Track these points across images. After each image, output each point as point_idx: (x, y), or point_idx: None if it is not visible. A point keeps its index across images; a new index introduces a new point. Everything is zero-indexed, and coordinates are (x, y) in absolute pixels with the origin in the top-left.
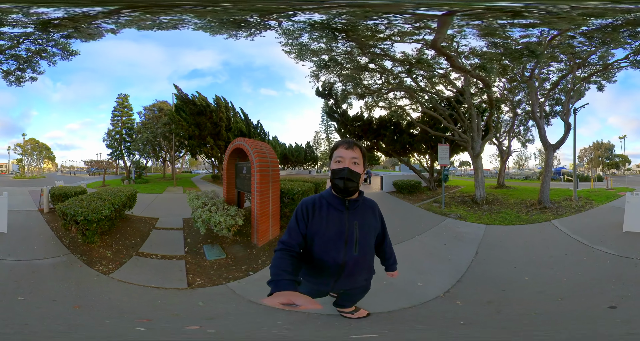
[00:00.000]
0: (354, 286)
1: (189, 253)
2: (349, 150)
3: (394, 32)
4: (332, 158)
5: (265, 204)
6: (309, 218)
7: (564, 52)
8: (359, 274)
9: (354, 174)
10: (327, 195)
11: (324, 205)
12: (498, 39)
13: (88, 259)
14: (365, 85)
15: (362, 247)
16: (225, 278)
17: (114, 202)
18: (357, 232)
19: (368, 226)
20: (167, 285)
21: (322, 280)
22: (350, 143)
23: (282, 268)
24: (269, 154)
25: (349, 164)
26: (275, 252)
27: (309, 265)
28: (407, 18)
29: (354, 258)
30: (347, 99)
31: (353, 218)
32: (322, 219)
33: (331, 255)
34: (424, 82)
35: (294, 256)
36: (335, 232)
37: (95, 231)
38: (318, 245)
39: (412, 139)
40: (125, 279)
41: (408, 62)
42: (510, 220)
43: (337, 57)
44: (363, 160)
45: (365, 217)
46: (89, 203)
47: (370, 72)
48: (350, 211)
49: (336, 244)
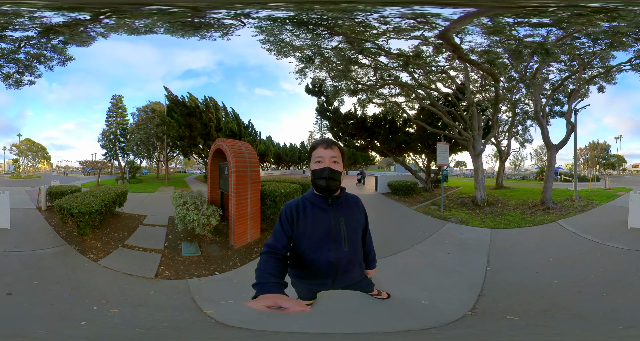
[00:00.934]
0: (352, 281)
1: (167, 248)
2: (327, 150)
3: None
4: (312, 158)
5: (242, 206)
6: (294, 220)
7: (568, 52)
8: (354, 269)
9: (335, 173)
10: (309, 196)
11: (308, 206)
12: (502, 37)
13: (81, 249)
14: (356, 79)
15: (351, 243)
16: (191, 274)
17: (104, 199)
18: (344, 229)
19: (354, 221)
20: (139, 273)
21: (320, 281)
22: (328, 143)
23: (267, 271)
24: (248, 154)
25: (329, 163)
26: (261, 255)
27: (303, 268)
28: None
29: (345, 255)
30: (338, 96)
31: (339, 215)
32: (308, 220)
33: (323, 255)
34: (422, 78)
35: (280, 260)
36: (323, 231)
37: (88, 223)
38: (308, 246)
39: (408, 138)
40: (109, 266)
41: (404, 56)
42: (515, 222)
43: (325, 52)
44: (342, 158)
45: (350, 213)
46: (83, 199)
47: (363, 68)
48: (334, 208)
49: (326, 243)
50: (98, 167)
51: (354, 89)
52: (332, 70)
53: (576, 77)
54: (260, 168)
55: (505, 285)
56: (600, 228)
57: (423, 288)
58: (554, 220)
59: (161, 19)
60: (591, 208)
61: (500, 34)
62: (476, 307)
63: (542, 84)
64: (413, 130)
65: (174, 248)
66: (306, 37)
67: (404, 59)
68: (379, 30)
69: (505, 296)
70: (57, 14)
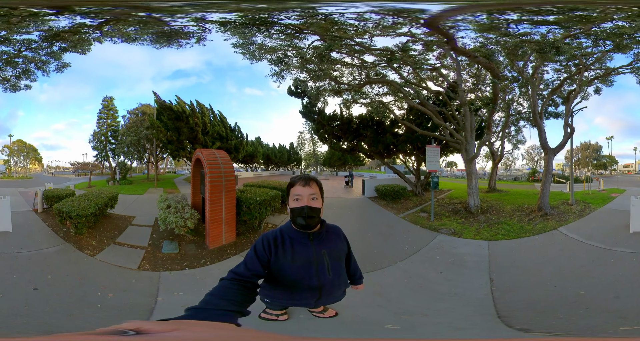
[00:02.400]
0: (334, 301)
1: (151, 245)
2: (306, 187)
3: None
4: (290, 195)
5: (217, 211)
6: (272, 252)
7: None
8: (337, 291)
9: (314, 210)
10: (287, 230)
11: (287, 239)
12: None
13: (79, 246)
14: (337, 79)
15: (335, 270)
16: (165, 268)
17: (97, 202)
18: (327, 260)
19: (337, 251)
20: (126, 265)
21: (303, 301)
22: (306, 180)
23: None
24: (223, 164)
25: (307, 201)
26: (221, 280)
27: (280, 290)
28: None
29: (329, 281)
30: (320, 97)
31: (320, 248)
32: (287, 253)
33: (305, 281)
34: (411, 76)
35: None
36: (303, 263)
37: (84, 224)
38: (288, 275)
39: (396, 139)
40: (103, 260)
41: (388, 52)
42: (514, 232)
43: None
44: (321, 193)
45: (333, 245)
46: (79, 203)
47: (347, 67)
48: (315, 243)
49: (307, 272)
50: (89, 168)
51: (337, 89)
52: (310, 71)
53: (577, 78)
54: (236, 177)
55: (526, 304)
56: (604, 234)
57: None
58: (554, 228)
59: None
60: (589, 212)
61: (496, 31)
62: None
63: (539, 84)
64: (402, 132)
65: (156, 245)
66: (280, 37)
67: (387, 54)
68: (360, 28)
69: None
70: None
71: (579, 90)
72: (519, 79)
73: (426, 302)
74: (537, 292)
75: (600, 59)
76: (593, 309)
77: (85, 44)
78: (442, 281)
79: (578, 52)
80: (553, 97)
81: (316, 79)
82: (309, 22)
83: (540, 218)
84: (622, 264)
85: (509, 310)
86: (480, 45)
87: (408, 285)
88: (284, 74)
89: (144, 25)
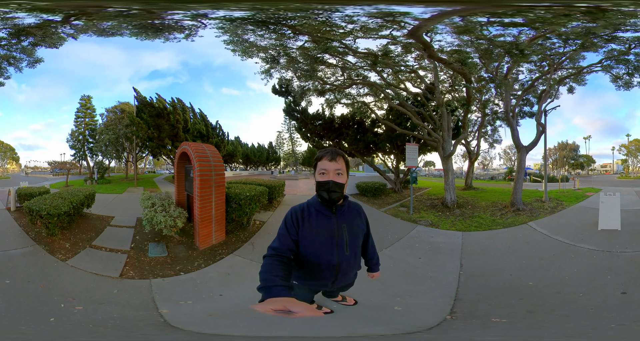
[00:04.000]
0: (348, 282)
1: (134, 248)
2: (332, 162)
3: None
4: (316, 169)
5: (207, 209)
6: (299, 225)
7: (540, 53)
8: (353, 271)
9: (338, 185)
10: (314, 203)
11: (313, 212)
12: (473, 37)
13: (50, 249)
14: (323, 79)
15: (352, 247)
16: (155, 275)
17: (72, 200)
18: (346, 235)
19: (356, 227)
20: (104, 272)
21: (320, 282)
22: (333, 154)
23: (273, 274)
24: (212, 158)
25: (332, 176)
26: (265, 258)
27: (305, 269)
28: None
29: (346, 258)
30: (305, 96)
31: (341, 222)
32: (312, 226)
33: (326, 258)
34: (391, 78)
35: (285, 262)
36: (326, 236)
37: (56, 224)
38: (311, 250)
39: (376, 138)
40: (76, 265)
41: (372, 55)
42: (486, 224)
43: (291, 52)
44: (346, 169)
45: (353, 220)
46: (51, 201)
47: (331, 67)
48: (337, 216)
49: (329, 247)
50: (67, 167)
51: (321, 89)
52: (298, 70)
53: (547, 77)
54: (225, 172)
55: (481, 288)
56: (571, 230)
57: (395, 294)
58: (524, 222)
59: (124, 21)
60: (561, 209)
61: (470, 33)
62: (455, 311)
63: (513, 84)
64: (382, 131)
65: (140, 248)
66: (271, 37)
67: (371, 58)
68: (346, 30)
69: (484, 300)
70: (30, 16)
71: (549, 89)
72: (495, 80)
73: (410, 285)
74: (494, 278)
75: (573, 59)
76: (528, 300)
77: (55, 37)
78: (421, 265)
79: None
80: (527, 96)
81: (308, 78)
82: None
83: (512, 213)
84: (580, 260)
85: (467, 294)
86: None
87: (395, 270)
88: (272, 72)
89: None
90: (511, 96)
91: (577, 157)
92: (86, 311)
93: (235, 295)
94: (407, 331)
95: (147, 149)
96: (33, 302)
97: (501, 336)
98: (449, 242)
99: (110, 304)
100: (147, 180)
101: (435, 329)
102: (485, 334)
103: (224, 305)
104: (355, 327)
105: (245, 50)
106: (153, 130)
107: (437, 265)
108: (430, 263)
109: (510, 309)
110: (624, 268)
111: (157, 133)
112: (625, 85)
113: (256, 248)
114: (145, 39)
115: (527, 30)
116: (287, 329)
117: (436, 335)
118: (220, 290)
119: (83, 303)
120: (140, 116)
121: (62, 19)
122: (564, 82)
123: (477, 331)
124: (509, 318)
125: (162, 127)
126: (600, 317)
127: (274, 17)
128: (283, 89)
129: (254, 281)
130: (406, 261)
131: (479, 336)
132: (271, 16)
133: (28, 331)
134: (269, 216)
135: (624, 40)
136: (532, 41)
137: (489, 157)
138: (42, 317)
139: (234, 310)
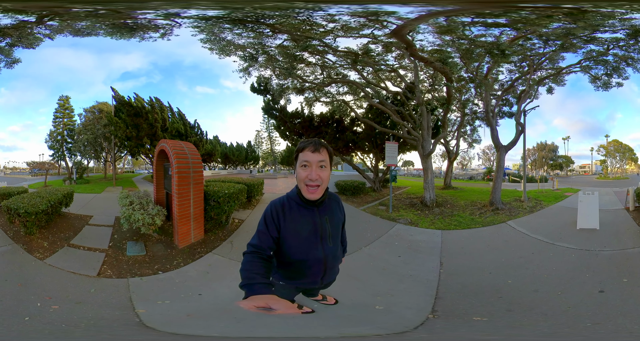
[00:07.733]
0: (334, 277)
1: (112, 247)
2: (315, 153)
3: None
4: (298, 161)
5: (185, 206)
6: (280, 220)
7: (520, 53)
8: (337, 264)
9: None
10: (294, 196)
11: (294, 206)
12: (454, 37)
13: (28, 248)
14: (302, 77)
15: (334, 239)
16: (134, 273)
17: (50, 199)
18: (329, 226)
19: (337, 219)
20: (81, 271)
21: (309, 279)
22: (316, 145)
23: (255, 271)
24: (190, 155)
25: (315, 169)
26: (245, 254)
27: (292, 267)
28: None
29: (331, 251)
30: (284, 94)
31: (323, 214)
32: (295, 219)
33: (312, 253)
34: (371, 76)
35: (265, 259)
36: (310, 230)
37: (34, 223)
38: (296, 246)
39: (355, 137)
40: (54, 264)
41: (353, 54)
42: (465, 223)
43: (270, 50)
44: (330, 161)
45: (333, 211)
46: (29, 199)
47: (310, 66)
48: (319, 208)
49: (314, 241)
50: (45, 167)
51: (300, 87)
52: (277, 69)
53: (526, 78)
54: (203, 169)
55: (461, 286)
56: (550, 229)
57: (375, 293)
58: (503, 221)
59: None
60: (540, 208)
61: (452, 33)
62: (436, 310)
63: (493, 85)
64: (361, 129)
65: (118, 247)
66: (249, 35)
67: (352, 56)
68: (326, 28)
69: (464, 298)
70: (6, 16)
71: (528, 89)
72: (475, 80)
73: (390, 283)
74: (473, 277)
75: (553, 59)
76: (507, 298)
77: (31, 38)
78: (401, 264)
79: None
80: (507, 96)
81: (287, 76)
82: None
83: (491, 212)
84: (558, 259)
85: (447, 292)
86: (437, 49)
87: (374, 268)
88: (250, 70)
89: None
90: (491, 96)
91: (556, 158)
92: (62, 311)
93: (214, 294)
94: (394, 331)
95: (126, 149)
96: (10, 301)
97: (484, 334)
98: (428, 240)
99: (86, 303)
100: (126, 179)
101: (420, 328)
102: (469, 333)
103: (203, 304)
104: (340, 328)
105: (223, 48)
106: (131, 129)
107: (417, 263)
108: (410, 261)
109: (490, 307)
110: (602, 266)
111: (135, 132)
112: (603, 86)
113: (235, 246)
114: (121, 39)
115: (508, 30)
116: (269, 330)
117: (423, 334)
118: (199, 289)
119: (59, 303)
120: (119, 116)
121: (36, 20)
122: (544, 83)
123: (462, 331)
124: (490, 316)
125: (140, 126)
126: (577, 315)
127: (252, 15)
128: (262, 87)
129: (233, 279)
130: (386, 259)
131: (465, 334)
132: (248, 15)
133: (1, 330)
134: (247, 214)
135: (602, 41)
136: (513, 41)
137: (468, 157)
138: (17, 316)
139: (213, 309)
